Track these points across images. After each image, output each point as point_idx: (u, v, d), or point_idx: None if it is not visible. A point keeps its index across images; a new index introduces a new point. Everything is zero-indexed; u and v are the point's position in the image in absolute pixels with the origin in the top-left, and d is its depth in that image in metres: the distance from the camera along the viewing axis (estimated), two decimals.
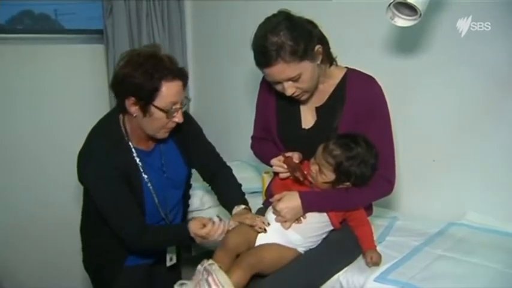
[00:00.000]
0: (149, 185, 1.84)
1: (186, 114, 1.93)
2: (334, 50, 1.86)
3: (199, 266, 1.56)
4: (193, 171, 2.08)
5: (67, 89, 2.81)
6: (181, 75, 1.75)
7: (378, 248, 1.77)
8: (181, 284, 1.57)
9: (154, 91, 1.67)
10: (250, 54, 1.72)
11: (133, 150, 1.82)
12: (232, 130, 3.10)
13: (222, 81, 3.14)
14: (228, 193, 2.00)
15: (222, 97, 3.16)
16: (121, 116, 1.83)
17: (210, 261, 1.56)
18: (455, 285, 1.56)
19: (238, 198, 1.95)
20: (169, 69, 1.70)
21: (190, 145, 2.00)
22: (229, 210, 1.93)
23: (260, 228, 1.71)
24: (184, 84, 1.76)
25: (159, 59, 1.71)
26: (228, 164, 2.14)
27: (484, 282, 1.55)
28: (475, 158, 2.08)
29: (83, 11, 3.02)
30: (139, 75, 1.66)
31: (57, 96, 2.77)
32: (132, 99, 1.70)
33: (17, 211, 2.69)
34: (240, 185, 2.04)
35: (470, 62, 2.04)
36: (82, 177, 1.79)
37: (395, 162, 1.82)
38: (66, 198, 2.73)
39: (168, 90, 1.69)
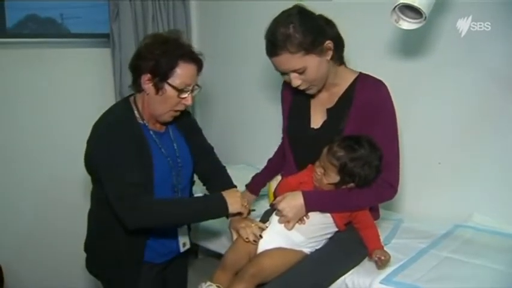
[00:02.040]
0: (160, 161, 1.85)
1: (188, 113, 2.04)
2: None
3: None
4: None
5: (73, 92, 2.82)
6: (197, 60, 1.81)
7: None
8: None
9: (171, 68, 1.74)
10: (256, 55, 1.75)
11: (145, 127, 1.85)
12: (237, 133, 3.10)
13: (227, 84, 3.14)
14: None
15: (228, 99, 3.17)
16: (132, 98, 1.88)
17: (208, 283, 1.59)
18: (461, 287, 1.56)
19: None
20: (187, 51, 1.78)
21: (192, 139, 2.03)
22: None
23: (254, 241, 1.71)
24: (199, 70, 1.82)
25: (180, 41, 1.80)
26: (233, 167, 2.16)
27: (490, 284, 1.55)
28: (480, 160, 2.08)
29: (89, 14, 3.03)
30: (160, 52, 1.74)
31: (63, 100, 2.79)
32: (148, 75, 1.75)
33: (20, 213, 2.71)
34: (236, 187, 2.04)
35: (475, 63, 2.04)
36: (90, 151, 1.78)
37: (399, 167, 1.82)
38: (71, 200, 2.75)
39: (184, 71, 1.76)
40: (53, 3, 2.94)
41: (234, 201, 1.77)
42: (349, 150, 1.66)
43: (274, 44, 1.69)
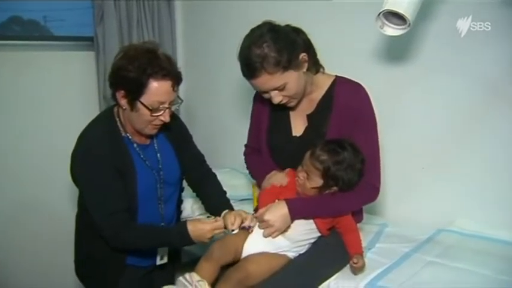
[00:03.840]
0: (145, 173, 1.84)
1: (178, 119, 2.01)
2: (324, 57, 1.88)
3: (185, 280, 1.56)
4: None
5: (57, 96, 2.79)
6: (173, 76, 1.74)
7: (368, 255, 1.79)
8: None
9: (142, 87, 1.68)
10: None
11: (128, 140, 1.83)
12: (222, 137, 3.10)
13: (212, 88, 3.14)
14: (216, 199, 2.01)
15: (212, 104, 3.16)
16: (116, 109, 1.85)
17: (197, 277, 1.57)
18: None
19: (225, 204, 1.96)
20: (161, 67, 1.69)
21: (182, 148, 2.01)
22: (216, 215, 1.92)
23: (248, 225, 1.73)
24: (175, 85, 1.75)
25: (155, 55, 1.72)
26: (218, 171, 2.15)
27: None
28: (464, 165, 2.10)
29: (72, 17, 3.01)
30: (132, 68, 1.67)
31: (46, 103, 2.76)
32: (122, 92, 1.72)
33: (2, 216, 2.68)
34: (226, 192, 2.05)
35: (460, 69, 2.05)
36: (73, 167, 1.78)
37: (381, 168, 1.84)
38: (55, 204, 2.73)
39: (156, 89, 1.69)
40: (36, 5, 2.91)
41: (198, 234, 1.71)
42: (332, 153, 1.67)
43: (251, 67, 1.68)
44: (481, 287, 1.57)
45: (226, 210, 1.89)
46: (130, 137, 1.84)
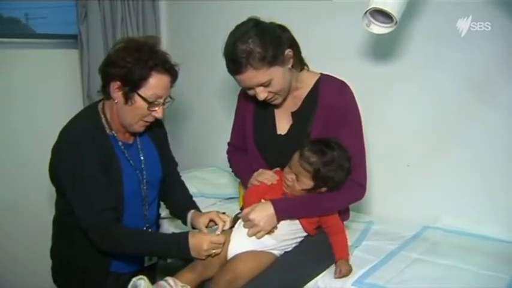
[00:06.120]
0: (130, 174, 1.80)
1: (162, 123, 1.98)
2: (310, 55, 1.89)
3: (166, 283, 1.53)
4: None
5: (40, 94, 2.75)
6: (172, 72, 1.73)
7: (355, 253, 1.79)
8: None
9: (143, 79, 1.66)
10: None
11: (113, 137, 1.78)
12: (208, 136, 3.08)
13: (197, 86, 3.12)
14: (184, 202, 1.99)
15: (198, 103, 3.15)
16: (101, 105, 1.81)
17: (180, 282, 1.55)
18: (431, 287, 1.59)
19: (192, 206, 1.95)
20: (162, 61, 1.69)
21: (164, 154, 1.99)
22: (184, 215, 1.91)
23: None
24: (172, 81, 1.75)
25: (155, 50, 1.71)
26: (204, 169, 2.14)
27: (460, 285, 1.58)
28: (449, 162, 2.12)
29: (55, 15, 2.97)
30: (132, 60, 1.65)
31: (29, 102, 2.71)
32: (118, 83, 1.67)
33: None
34: (192, 196, 2.04)
35: (444, 66, 2.07)
36: (55, 162, 1.73)
37: (367, 166, 1.84)
38: (34, 207, 2.68)
39: (156, 82, 1.68)
40: (17, 2, 2.85)
41: (196, 242, 1.64)
42: (320, 154, 1.66)
43: (237, 62, 1.66)
44: (466, 283, 1.59)
45: (193, 211, 1.88)
46: (115, 135, 1.79)
